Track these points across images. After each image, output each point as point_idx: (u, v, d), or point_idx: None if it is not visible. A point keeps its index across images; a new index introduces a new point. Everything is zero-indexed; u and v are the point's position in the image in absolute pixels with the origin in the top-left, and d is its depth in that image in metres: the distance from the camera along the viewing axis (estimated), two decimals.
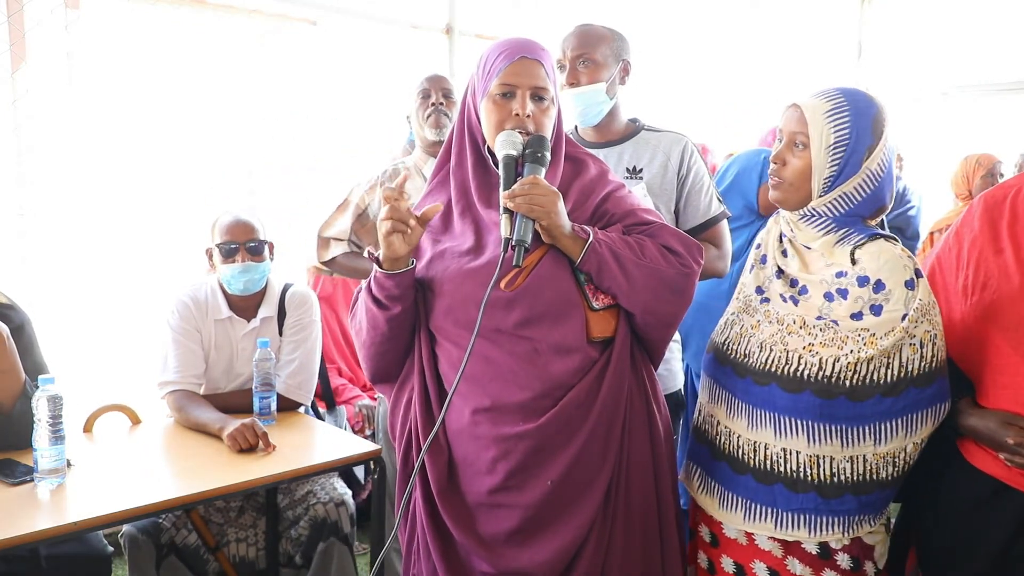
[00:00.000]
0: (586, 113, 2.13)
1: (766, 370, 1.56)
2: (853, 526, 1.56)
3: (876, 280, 1.50)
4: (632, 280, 1.54)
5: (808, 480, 1.54)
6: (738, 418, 1.62)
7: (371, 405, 3.24)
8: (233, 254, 2.34)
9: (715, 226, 2.16)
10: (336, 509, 2.27)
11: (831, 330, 1.52)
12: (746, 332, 1.64)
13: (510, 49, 1.57)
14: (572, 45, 2.10)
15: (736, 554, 1.65)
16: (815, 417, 1.51)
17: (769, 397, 1.56)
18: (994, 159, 3.84)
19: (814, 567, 1.58)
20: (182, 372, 2.31)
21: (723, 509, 1.65)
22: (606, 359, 1.58)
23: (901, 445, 1.53)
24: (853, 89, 1.58)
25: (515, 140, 1.53)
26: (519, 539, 1.56)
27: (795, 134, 1.56)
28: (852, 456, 1.53)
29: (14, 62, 2.77)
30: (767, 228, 1.74)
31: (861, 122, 1.52)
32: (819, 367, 1.50)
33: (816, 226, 1.58)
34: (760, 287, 1.67)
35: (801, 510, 1.56)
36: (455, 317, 1.56)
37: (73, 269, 3.05)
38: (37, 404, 1.79)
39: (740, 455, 1.61)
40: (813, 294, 1.57)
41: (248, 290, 2.39)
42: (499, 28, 3.99)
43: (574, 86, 2.08)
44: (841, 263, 1.55)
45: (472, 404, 1.56)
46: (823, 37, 5.90)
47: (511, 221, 1.47)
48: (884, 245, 1.53)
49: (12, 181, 2.83)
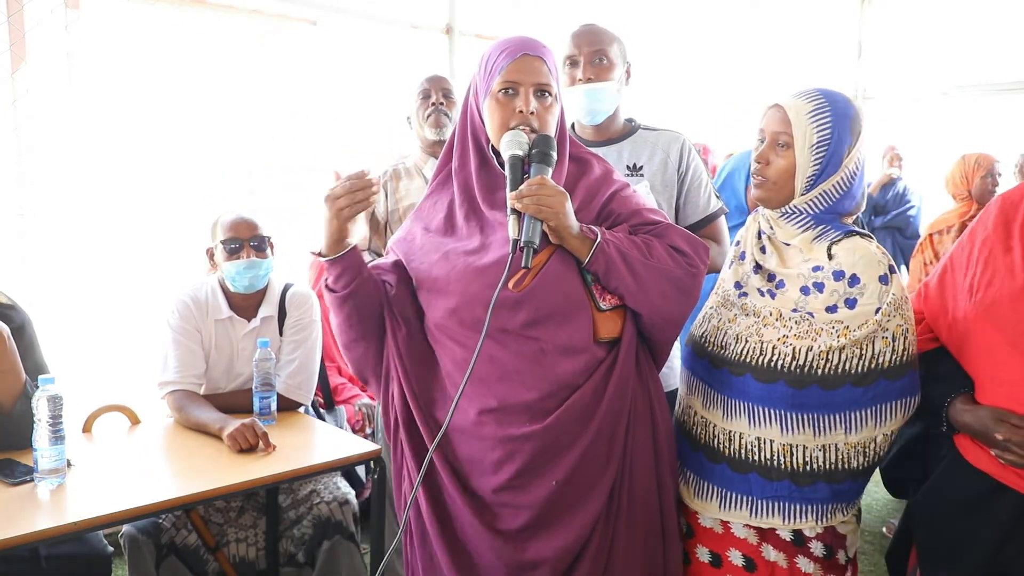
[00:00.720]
0: (595, 111, 2.12)
1: (741, 361, 1.60)
2: (826, 515, 1.61)
3: (852, 275, 1.55)
4: (640, 280, 1.55)
5: (782, 468, 1.58)
6: (714, 408, 1.66)
7: (371, 404, 3.24)
8: (238, 251, 2.34)
9: (715, 222, 2.18)
10: (340, 508, 2.28)
11: (806, 322, 1.56)
12: (723, 325, 1.68)
13: (512, 47, 1.57)
14: (588, 41, 2.08)
15: (712, 543, 1.69)
16: (788, 406, 1.56)
17: (743, 387, 1.60)
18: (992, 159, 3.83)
19: (788, 553, 1.62)
20: (182, 372, 2.31)
21: (698, 498, 1.69)
22: (612, 359, 1.59)
23: (871, 435, 1.57)
24: (831, 90, 1.62)
25: (521, 140, 1.53)
26: (524, 536, 1.57)
27: (778, 134, 1.60)
28: (824, 445, 1.57)
29: (14, 62, 2.77)
30: (746, 226, 1.77)
31: (842, 123, 1.57)
32: (792, 357, 1.55)
33: (796, 223, 1.63)
34: (739, 282, 1.70)
35: (775, 497, 1.60)
36: (461, 317, 1.55)
37: (73, 269, 3.05)
38: (37, 404, 1.79)
39: (716, 444, 1.65)
40: (790, 288, 1.61)
41: (253, 287, 2.39)
42: (499, 28, 3.99)
43: (590, 81, 2.07)
44: (818, 258, 1.59)
45: (478, 404, 1.56)
46: (823, 37, 5.90)
47: (519, 222, 1.47)
48: (859, 242, 1.58)
49: (12, 181, 2.83)
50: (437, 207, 1.69)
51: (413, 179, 2.54)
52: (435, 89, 2.53)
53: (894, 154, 5.14)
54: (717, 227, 2.18)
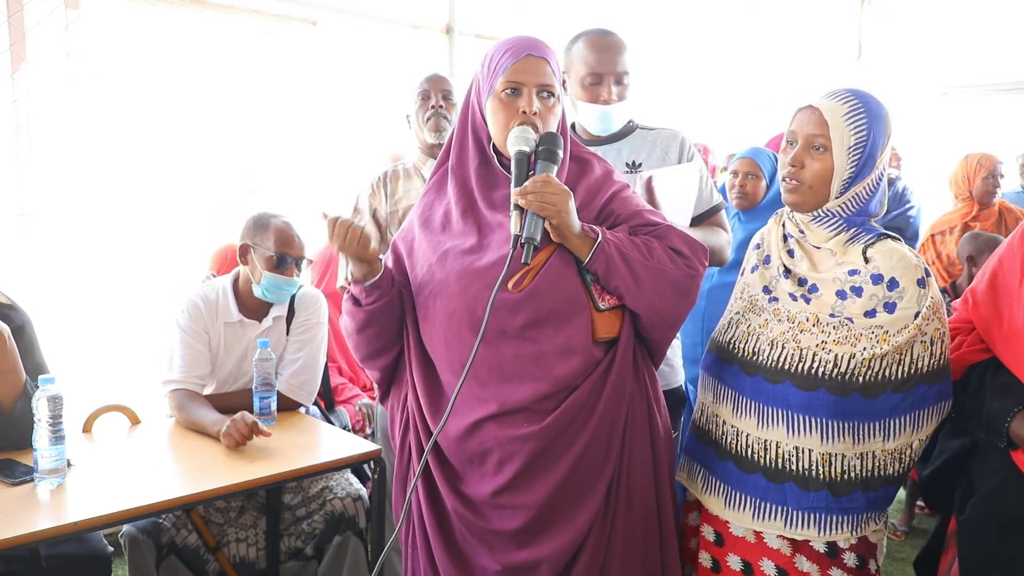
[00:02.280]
0: (610, 127, 2.14)
1: (779, 368, 1.57)
2: (860, 525, 1.58)
3: (890, 278, 1.52)
4: (640, 281, 1.55)
5: (820, 478, 1.55)
6: (746, 417, 1.62)
7: (371, 404, 3.24)
8: (285, 266, 2.34)
9: (718, 214, 2.19)
10: (353, 504, 2.29)
11: (845, 327, 1.53)
12: (754, 331, 1.64)
13: (516, 47, 1.57)
14: (613, 60, 2.05)
15: (744, 552, 1.65)
16: (829, 414, 1.53)
17: (782, 395, 1.56)
18: (995, 159, 3.83)
19: (821, 565, 1.59)
20: (187, 372, 2.31)
21: (730, 508, 1.65)
22: (610, 359, 1.59)
23: (908, 441, 1.55)
24: (862, 91, 1.60)
25: (528, 136, 1.53)
26: (522, 537, 1.57)
27: (814, 136, 1.56)
28: (863, 453, 1.54)
29: (14, 62, 2.77)
30: (767, 229, 1.74)
31: (877, 124, 1.55)
32: (834, 364, 1.52)
33: (828, 226, 1.60)
34: (767, 287, 1.67)
35: (812, 508, 1.57)
36: (459, 318, 1.55)
37: (73, 269, 3.05)
38: (37, 404, 1.79)
39: (749, 454, 1.62)
40: (824, 292, 1.58)
41: (280, 300, 2.42)
42: (499, 28, 3.99)
43: (615, 102, 2.06)
44: (853, 261, 1.56)
45: (476, 405, 1.56)
46: (823, 37, 5.90)
47: (521, 218, 1.47)
48: (893, 244, 1.56)
49: (12, 181, 2.83)
50: (435, 205, 1.69)
51: (412, 180, 2.54)
52: (435, 91, 2.53)
53: (893, 154, 5.14)
54: (721, 217, 2.20)
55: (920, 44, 5.94)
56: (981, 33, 5.56)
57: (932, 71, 5.94)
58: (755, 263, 1.73)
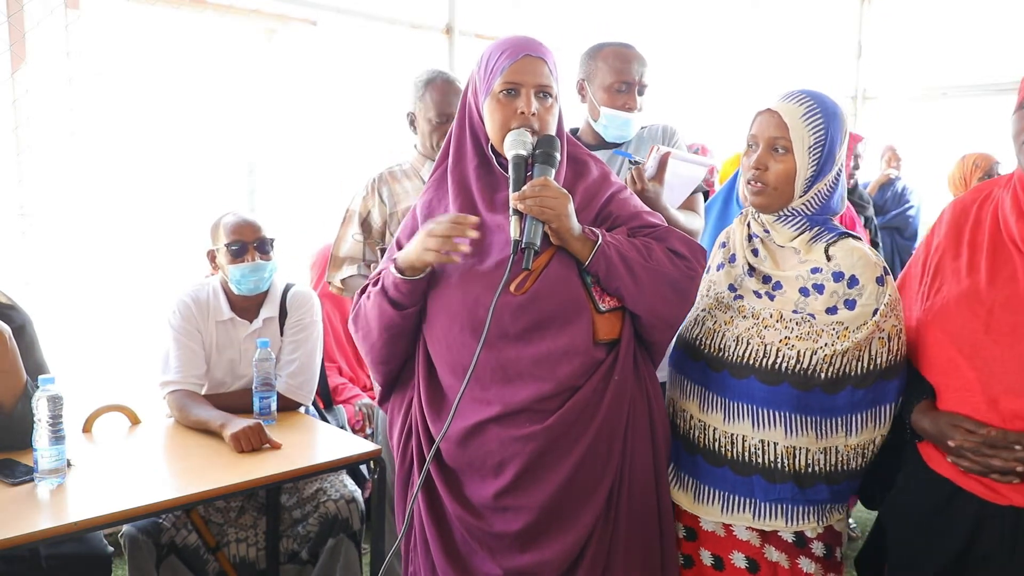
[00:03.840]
0: (627, 135, 2.23)
1: (744, 363, 1.60)
2: (825, 515, 1.62)
3: (850, 276, 1.56)
4: (640, 282, 1.55)
5: (785, 470, 1.58)
6: (713, 411, 1.65)
7: (371, 404, 3.24)
8: (242, 253, 2.33)
9: (696, 195, 2.23)
10: (347, 506, 2.29)
11: (807, 324, 1.57)
12: (719, 327, 1.67)
13: (514, 47, 1.57)
14: (640, 71, 2.21)
15: (714, 546, 1.69)
16: (792, 408, 1.56)
17: (747, 389, 1.60)
18: (992, 159, 3.83)
19: (790, 554, 1.63)
20: (183, 372, 2.31)
21: (699, 503, 1.68)
22: (611, 361, 1.59)
23: (871, 437, 1.59)
24: (815, 91, 1.64)
25: (525, 139, 1.53)
26: (524, 540, 1.57)
27: (775, 139, 1.60)
28: (825, 448, 1.58)
29: (14, 62, 2.77)
30: (732, 228, 1.78)
31: (833, 122, 1.60)
32: (797, 359, 1.55)
33: (791, 226, 1.64)
34: (732, 284, 1.70)
35: (779, 500, 1.60)
36: (461, 320, 1.55)
37: (73, 269, 3.05)
38: (37, 404, 1.79)
39: (717, 448, 1.64)
40: (788, 289, 1.61)
41: (257, 289, 2.38)
42: (499, 28, 3.98)
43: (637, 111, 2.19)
44: (816, 260, 1.60)
45: (478, 407, 1.56)
46: (823, 37, 5.90)
47: (520, 223, 1.47)
48: (854, 243, 1.60)
49: (12, 181, 2.83)
50: (435, 203, 1.69)
51: (411, 180, 2.54)
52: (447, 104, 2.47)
53: (892, 154, 5.14)
54: (697, 200, 2.24)
55: (920, 44, 5.94)
56: (981, 33, 5.56)
57: (932, 71, 5.94)
58: (720, 261, 1.76)
